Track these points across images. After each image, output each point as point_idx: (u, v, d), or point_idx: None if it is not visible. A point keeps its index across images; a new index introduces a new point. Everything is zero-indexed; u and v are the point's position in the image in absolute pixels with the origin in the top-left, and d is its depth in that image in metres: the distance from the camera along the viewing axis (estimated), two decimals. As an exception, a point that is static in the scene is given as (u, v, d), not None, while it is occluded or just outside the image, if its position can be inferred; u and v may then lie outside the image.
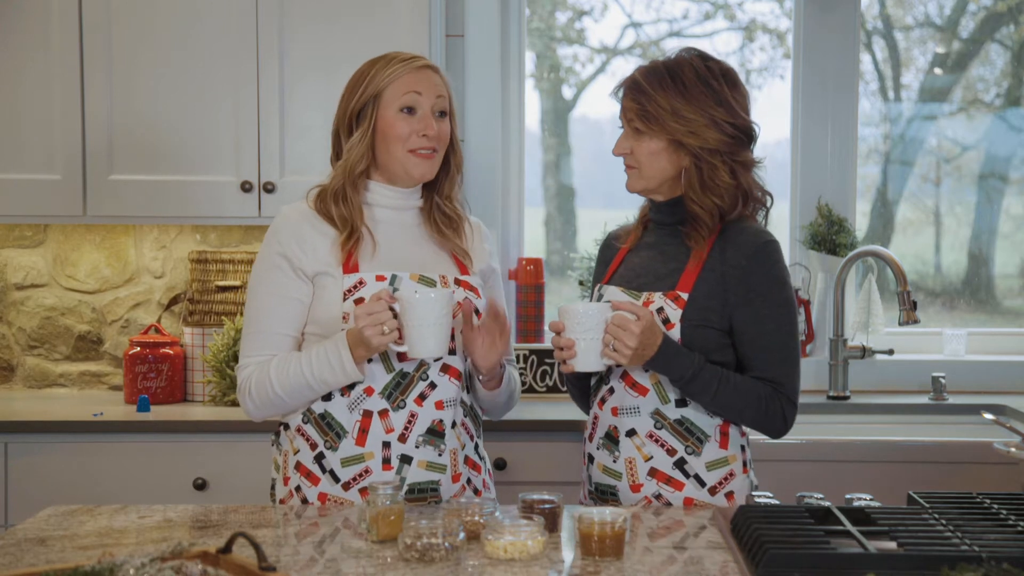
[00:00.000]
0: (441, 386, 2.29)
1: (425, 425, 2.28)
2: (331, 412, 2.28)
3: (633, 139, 2.30)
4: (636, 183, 2.35)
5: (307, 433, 2.30)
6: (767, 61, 4.02)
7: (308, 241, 2.31)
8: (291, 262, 2.30)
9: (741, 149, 2.29)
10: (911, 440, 3.19)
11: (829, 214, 3.69)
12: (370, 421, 2.26)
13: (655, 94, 2.26)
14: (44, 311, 3.74)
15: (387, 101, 2.32)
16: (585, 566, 1.83)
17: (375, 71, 2.34)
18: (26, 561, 1.85)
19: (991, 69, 4.04)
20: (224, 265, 3.65)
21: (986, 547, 1.76)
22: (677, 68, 2.28)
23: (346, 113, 2.36)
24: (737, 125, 2.27)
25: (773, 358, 2.26)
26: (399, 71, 2.32)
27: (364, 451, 2.26)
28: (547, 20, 4.07)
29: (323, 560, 1.87)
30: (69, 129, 3.37)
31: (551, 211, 4.06)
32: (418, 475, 2.27)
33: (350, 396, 2.27)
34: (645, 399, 2.27)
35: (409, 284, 2.29)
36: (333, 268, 2.30)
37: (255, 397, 2.30)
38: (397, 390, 2.27)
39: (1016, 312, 4.03)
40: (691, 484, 2.27)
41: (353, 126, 2.35)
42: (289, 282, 2.30)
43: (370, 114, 2.33)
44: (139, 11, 3.36)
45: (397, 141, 2.32)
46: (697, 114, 2.24)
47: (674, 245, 2.34)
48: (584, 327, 2.18)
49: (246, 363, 2.32)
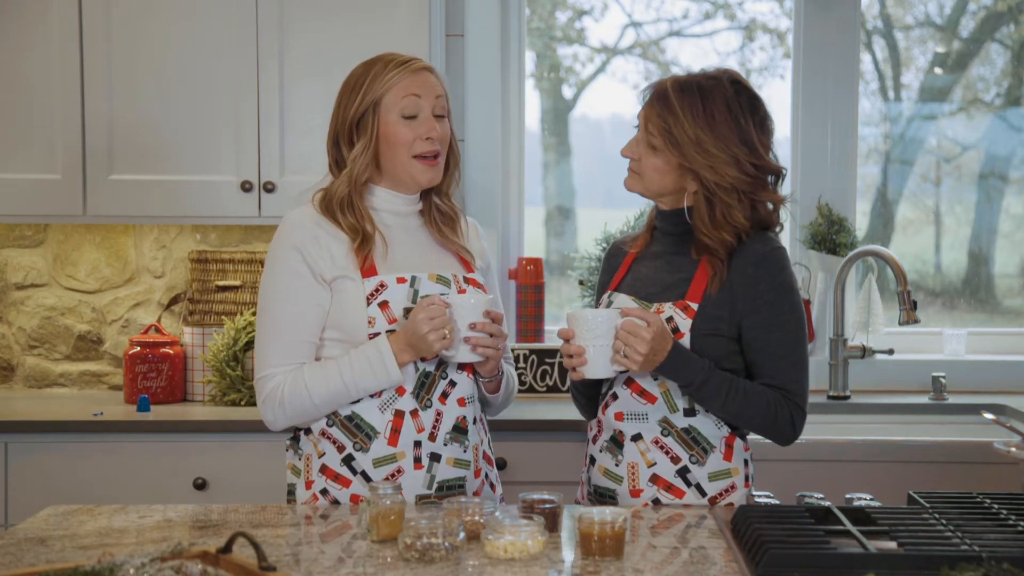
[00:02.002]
0: (461, 383, 2.31)
1: (451, 423, 2.29)
2: (360, 414, 2.27)
3: (645, 149, 2.28)
4: (635, 185, 2.34)
5: (333, 436, 2.28)
6: (767, 61, 4.02)
7: (323, 246, 2.28)
8: (310, 268, 2.27)
9: (761, 188, 2.27)
10: (911, 440, 3.19)
11: (829, 214, 3.69)
12: (402, 421, 2.26)
13: (683, 117, 2.22)
14: (44, 311, 3.74)
15: (387, 107, 2.29)
16: (585, 566, 1.83)
17: (371, 76, 2.30)
18: (26, 561, 1.85)
19: (991, 69, 4.04)
20: (224, 265, 3.64)
21: (986, 547, 1.76)
22: (710, 94, 2.24)
23: (345, 121, 2.32)
24: (759, 166, 2.25)
25: (781, 365, 2.25)
26: (397, 76, 2.29)
27: (396, 451, 2.26)
28: (547, 20, 4.07)
29: (323, 560, 1.87)
30: (69, 129, 3.37)
31: (551, 211, 4.06)
32: (447, 472, 2.29)
33: (381, 397, 2.26)
34: (654, 407, 2.27)
35: (428, 285, 2.29)
36: (352, 272, 2.27)
37: (288, 408, 2.25)
38: (423, 389, 2.27)
39: (1016, 312, 4.03)
40: (692, 493, 2.26)
41: (354, 135, 2.32)
42: (309, 288, 2.27)
43: (371, 122, 2.29)
44: (139, 11, 3.36)
45: (401, 147, 2.30)
46: (720, 150, 2.21)
47: (681, 255, 2.33)
48: (594, 334, 2.17)
49: (271, 373, 2.27)
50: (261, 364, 2.29)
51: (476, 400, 2.36)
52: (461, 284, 2.33)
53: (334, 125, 2.35)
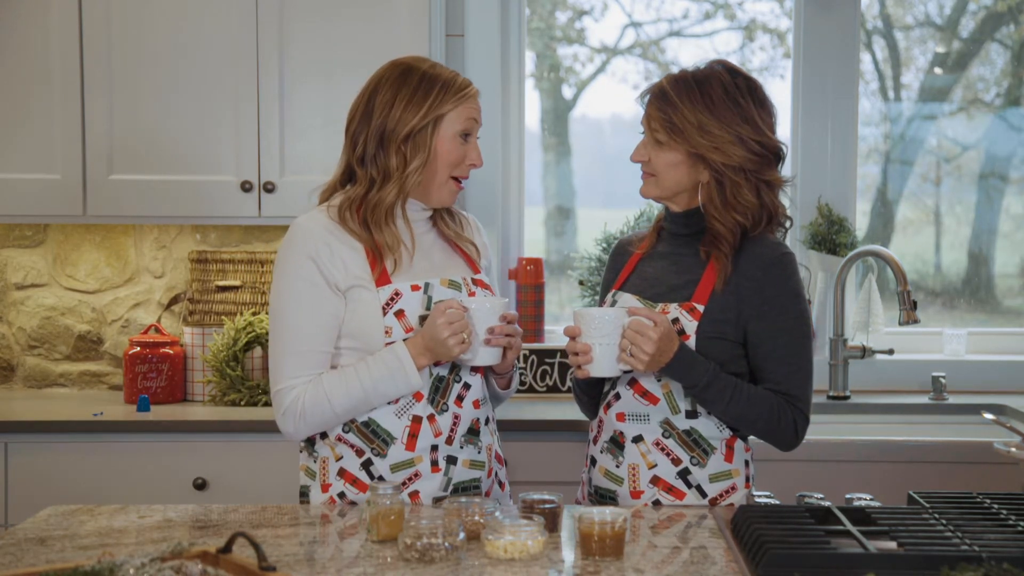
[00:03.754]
0: (474, 386, 2.31)
1: (467, 425, 2.30)
2: (376, 420, 2.26)
3: (653, 148, 2.29)
4: (651, 190, 2.34)
5: (349, 441, 2.28)
6: (767, 61, 4.02)
7: (337, 254, 2.25)
8: (325, 277, 2.24)
9: (767, 168, 2.27)
10: (911, 440, 3.19)
11: (829, 214, 3.69)
12: (419, 426, 2.26)
13: (682, 106, 2.24)
14: (44, 311, 3.74)
15: (448, 124, 2.27)
16: (585, 566, 1.83)
17: (437, 92, 2.26)
18: (26, 561, 1.85)
19: (991, 69, 4.04)
20: (224, 265, 3.65)
21: (986, 547, 1.76)
22: (705, 81, 2.26)
23: (395, 128, 2.25)
24: (763, 143, 2.26)
25: (786, 370, 2.25)
26: (464, 97, 2.28)
27: (414, 455, 2.26)
28: (547, 20, 4.07)
29: (324, 560, 1.87)
30: (69, 129, 3.37)
31: (551, 211, 4.06)
32: (463, 474, 2.29)
33: (398, 403, 2.26)
34: (655, 408, 2.27)
35: (441, 291, 2.29)
36: (366, 281, 2.25)
37: (309, 419, 2.24)
38: (437, 394, 2.27)
39: (1016, 312, 4.03)
40: (692, 494, 2.26)
41: (405, 144, 2.26)
42: (324, 298, 2.25)
43: (429, 136, 2.26)
44: (139, 11, 3.36)
45: (448, 167, 2.29)
46: (723, 130, 2.23)
47: (689, 256, 2.32)
48: (601, 332, 2.17)
49: (290, 385, 2.24)
50: (278, 376, 2.26)
51: (488, 401, 2.37)
52: (470, 287, 2.33)
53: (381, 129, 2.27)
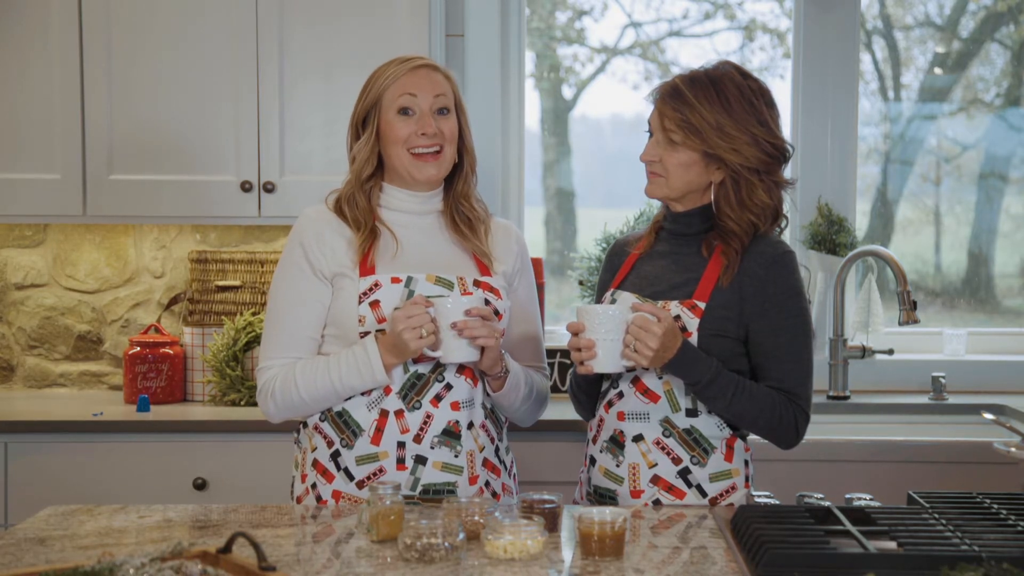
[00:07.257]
0: (457, 387, 2.30)
1: (441, 426, 2.28)
2: (349, 410, 2.28)
3: (664, 147, 2.28)
4: (658, 191, 2.33)
5: (324, 431, 2.31)
6: (767, 61, 4.02)
7: (327, 242, 2.33)
8: (311, 264, 2.33)
9: (776, 168, 2.29)
10: (911, 440, 3.19)
11: (829, 214, 3.69)
12: (386, 420, 2.27)
13: (699, 106, 2.24)
14: (44, 311, 3.74)
15: (386, 104, 2.35)
16: (585, 566, 1.83)
17: (376, 75, 2.38)
18: (26, 561, 1.85)
19: (991, 69, 4.04)
20: (224, 265, 3.65)
21: (986, 547, 1.76)
22: (720, 81, 2.26)
23: (354, 119, 2.40)
24: (775, 144, 2.27)
25: (787, 368, 2.25)
26: (395, 73, 2.35)
27: (379, 450, 2.27)
28: (547, 20, 4.07)
29: (323, 560, 1.87)
30: (69, 129, 3.37)
31: (551, 211, 4.06)
32: (433, 476, 2.28)
33: (370, 395, 2.28)
34: (656, 406, 2.27)
35: (425, 286, 2.29)
36: (350, 270, 2.31)
37: (278, 400, 2.31)
38: (412, 391, 2.27)
39: (1016, 312, 4.03)
40: (692, 494, 2.26)
41: (359, 131, 2.39)
42: (309, 284, 2.32)
43: (373, 118, 2.36)
44: (139, 10, 3.36)
45: (397, 143, 2.34)
46: (739, 131, 2.23)
47: (690, 254, 2.32)
48: (605, 328, 2.17)
49: (268, 365, 2.33)
50: (261, 355, 2.36)
51: (478, 405, 2.34)
52: (468, 287, 2.33)
53: (350, 124, 2.43)
